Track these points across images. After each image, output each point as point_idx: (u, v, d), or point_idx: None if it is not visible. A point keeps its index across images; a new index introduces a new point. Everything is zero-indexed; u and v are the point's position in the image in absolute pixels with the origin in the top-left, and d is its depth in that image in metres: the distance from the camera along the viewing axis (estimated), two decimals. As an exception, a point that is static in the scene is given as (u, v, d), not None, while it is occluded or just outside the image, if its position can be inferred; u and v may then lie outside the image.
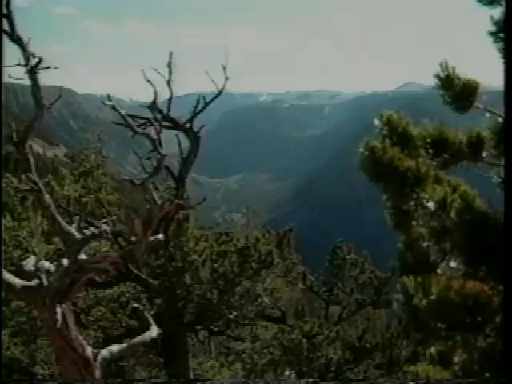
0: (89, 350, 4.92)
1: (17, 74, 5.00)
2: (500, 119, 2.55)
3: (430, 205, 2.34)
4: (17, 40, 4.93)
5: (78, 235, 5.01)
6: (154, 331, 5.69)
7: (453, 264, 2.28)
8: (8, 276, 4.59)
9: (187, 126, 11.61)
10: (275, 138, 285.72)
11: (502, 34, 2.44)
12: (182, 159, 11.26)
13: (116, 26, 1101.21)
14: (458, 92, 2.55)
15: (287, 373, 13.14)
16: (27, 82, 5.11)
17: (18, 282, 4.61)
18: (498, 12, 2.53)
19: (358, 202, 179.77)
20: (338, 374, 12.77)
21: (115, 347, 5.34)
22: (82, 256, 4.93)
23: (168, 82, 10.30)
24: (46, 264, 4.85)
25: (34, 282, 4.63)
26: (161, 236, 5.40)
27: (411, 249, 2.60)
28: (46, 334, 6.66)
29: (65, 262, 4.82)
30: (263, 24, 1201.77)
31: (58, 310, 4.55)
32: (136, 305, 10.53)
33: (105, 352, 5.10)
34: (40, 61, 5.04)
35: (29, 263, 4.84)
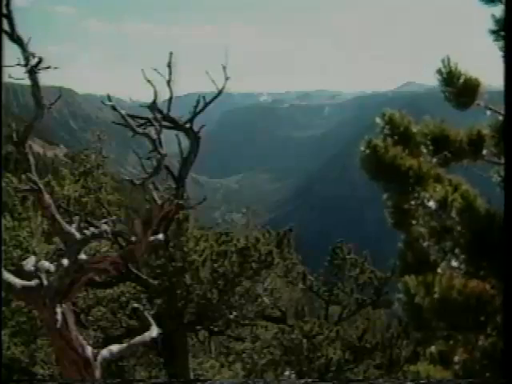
0: (89, 350, 4.91)
1: (17, 74, 4.98)
2: (501, 118, 2.55)
3: (431, 204, 2.33)
4: (17, 40, 4.92)
5: (78, 235, 5.01)
6: (154, 331, 5.69)
7: (454, 263, 2.27)
8: (8, 276, 4.58)
9: (187, 126, 11.59)
10: (275, 138, 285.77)
11: (503, 33, 2.45)
12: (182, 159, 11.24)
13: (116, 25, 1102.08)
14: (459, 88, 2.55)
15: (287, 373, 13.15)
16: (27, 81, 5.09)
17: (18, 282, 4.60)
18: (499, 10, 2.53)
19: (358, 202, 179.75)
20: (337, 374, 12.76)
21: (115, 347, 5.33)
22: (82, 256, 4.92)
23: (168, 82, 10.27)
24: (46, 264, 4.84)
25: (34, 282, 4.62)
26: (161, 236, 5.39)
27: (411, 248, 2.59)
28: (46, 334, 6.67)
29: (65, 261, 4.81)
30: (263, 24, 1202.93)
31: (58, 310, 4.55)
32: (136, 305, 10.52)
33: (105, 352, 5.09)
34: (40, 61, 5.02)
35: (29, 263, 4.83)
